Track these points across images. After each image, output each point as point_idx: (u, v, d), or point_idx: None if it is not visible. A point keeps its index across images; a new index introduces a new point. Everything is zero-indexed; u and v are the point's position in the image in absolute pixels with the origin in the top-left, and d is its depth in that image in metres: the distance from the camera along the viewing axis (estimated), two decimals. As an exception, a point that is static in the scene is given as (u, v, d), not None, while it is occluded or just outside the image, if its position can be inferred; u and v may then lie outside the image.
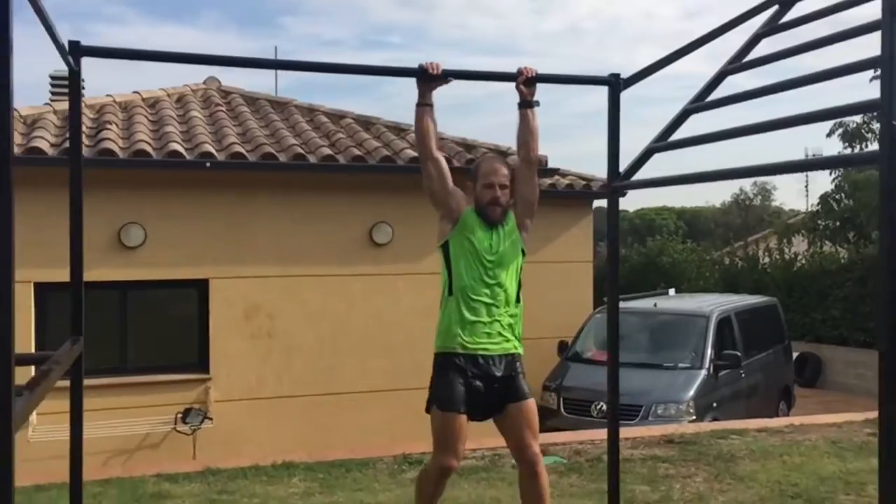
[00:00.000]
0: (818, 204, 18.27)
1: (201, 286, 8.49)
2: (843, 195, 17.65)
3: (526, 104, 3.73)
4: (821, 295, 15.88)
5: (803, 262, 17.12)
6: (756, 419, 8.61)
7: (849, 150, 16.00)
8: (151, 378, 8.27)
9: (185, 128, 9.07)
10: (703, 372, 9.41)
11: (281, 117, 9.97)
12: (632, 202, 66.76)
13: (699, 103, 3.81)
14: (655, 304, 10.85)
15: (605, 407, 9.11)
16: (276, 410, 8.47)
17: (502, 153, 9.43)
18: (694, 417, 8.90)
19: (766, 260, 18.01)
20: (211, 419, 8.14)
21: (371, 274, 8.92)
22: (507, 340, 3.69)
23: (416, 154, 8.89)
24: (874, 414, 8.24)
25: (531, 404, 3.76)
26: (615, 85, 3.72)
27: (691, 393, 9.09)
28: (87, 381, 7.38)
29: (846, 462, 6.37)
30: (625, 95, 3.87)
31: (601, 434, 7.61)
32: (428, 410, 3.73)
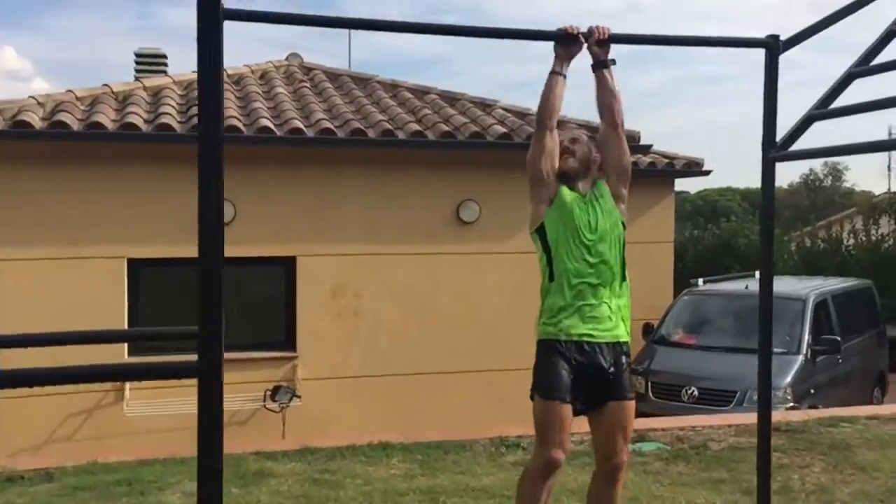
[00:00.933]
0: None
1: (289, 264, 8.44)
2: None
3: (601, 64, 3.42)
4: (908, 277, 15.25)
5: (891, 242, 16.45)
6: (865, 406, 8.27)
7: None
8: (240, 355, 8.24)
9: (271, 104, 9.01)
10: (801, 357, 9.06)
11: (364, 93, 9.84)
12: (692, 184, 65.22)
13: (864, 66, 3.52)
14: (747, 287, 10.48)
15: (696, 392, 8.90)
16: (362, 389, 8.40)
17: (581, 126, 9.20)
18: (792, 404, 8.57)
19: (851, 241, 17.35)
20: (299, 397, 8.10)
21: (458, 252, 8.76)
22: (616, 326, 3.42)
23: (504, 130, 8.70)
24: None
25: (632, 406, 3.50)
26: (774, 47, 3.44)
27: (788, 379, 8.75)
28: (175, 358, 7.42)
29: (973, 454, 6.01)
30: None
31: (701, 420, 7.38)
32: (531, 398, 3.47)
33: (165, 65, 16.26)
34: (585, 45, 3.36)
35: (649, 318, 11.02)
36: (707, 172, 13.17)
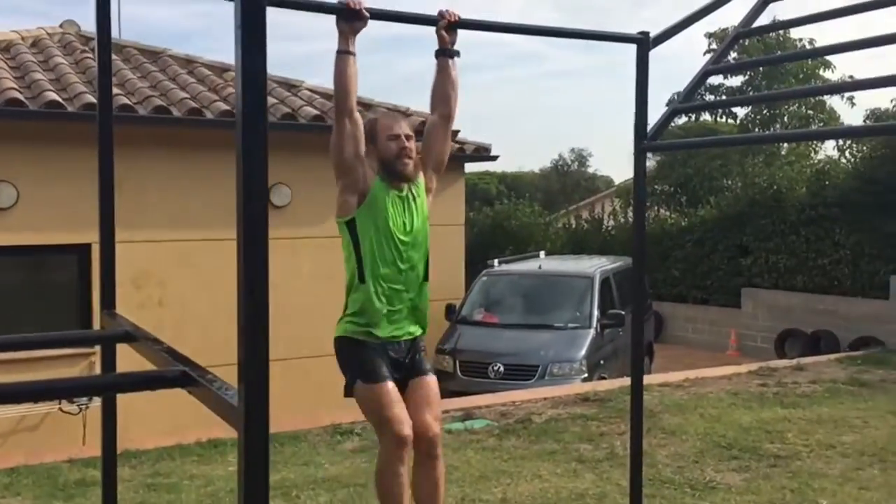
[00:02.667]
0: (654, 170, 19.38)
1: (83, 251, 7.71)
2: (675, 163, 18.87)
3: (446, 52, 3.35)
4: (662, 256, 16.90)
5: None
6: (655, 375, 9.08)
7: None
8: (26, 354, 7.41)
9: (53, 76, 8.14)
10: (592, 331, 9.77)
11: (157, 68, 9.18)
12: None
13: (718, 65, 3.86)
14: (540, 266, 11.10)
15: (501, 368, 9.31)
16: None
17: (402, 112, 9.24)
18: (586, 375, 9.22)
19: (611, 222, 18.91)
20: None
21: (269, 238, 8.47)
22: (413, 324, 3.46)
23: (317, 112, 8.52)
24: (755, 366, 8.93)
25: (434, 380, 3.51)
26: (644, 43, 3.66)
27: (583, 352, 9.42)
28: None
29: (755, 412, 6.85)
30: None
31: (518, 395, 7.75)
32: (350, 392, 3.36)
33: None
34: (434, 29, 3.27)
35: (447, 299, 11.36)
36: (495, 157, 13.72)
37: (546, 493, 4.99)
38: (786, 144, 19.65)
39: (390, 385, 3.27)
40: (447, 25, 3.23)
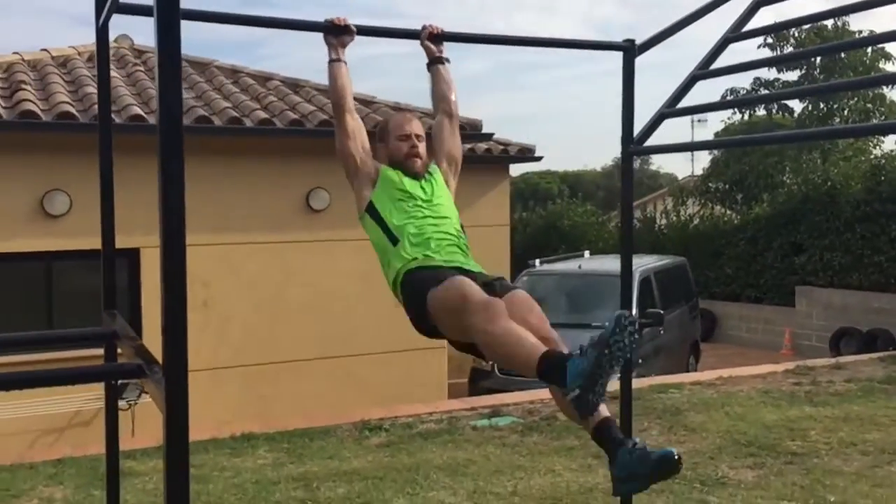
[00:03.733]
0: (709, 167, 19.15)
1: (132, 256, 8.12)
2: (730, 160, 18.60)
3: (436, 61, 3.44)
4: (715, 254, 16.73)
5: (698, 222, 17.95)
6: (688, 374, 9.08)
7: None
8: (80, 353, 7.85)
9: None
10: (629, 330, 9.77)
11: (203, 79, 9.58)
12: (515, 168, 67.23)
13: (706, 70, 3.95)
14: (580, 266, 11.16)
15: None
16: (214, 381, 8.25)
17: (412, 112, 9.46)
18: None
19: (663, 221, 18.77)
20: (147, 393, 7.84)
21: (308, 241, 8.78)
22: (469, 260, 3.08)
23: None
24: (792, 365, 8.85)
25: (526, 294, 2.93)
26: (630, 50, 3.78)
27: (620, 351, 9.43)
28: (7, 359, 7.00)
29: (783, 410, 6.83)
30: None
31: (548, 393, 7.85)
32: (423, 315, 2.85)
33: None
34: (419, 42, 3.40)
35: (490, 299, 11.52)
36: (539, 158, 13.86)
37: (557, 487, 5.12)
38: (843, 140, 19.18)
39: (463, 278, 2.75)
40: (429, 37, 3.38)
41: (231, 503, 4.94)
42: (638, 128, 3.91)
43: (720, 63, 4.02)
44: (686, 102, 3.92)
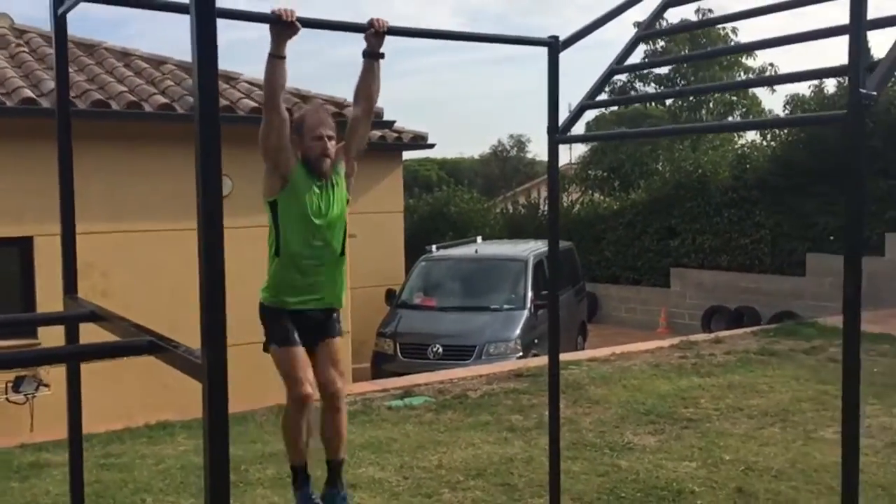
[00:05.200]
0: (587, 155, 19.96)
1: (24, 244, 7.84)
2: (607, 149, 19.44)
3: (373, 55, 3.67)
4: (596, 238, 17.51)
5: (579, 209, 18.71)
6: (584, 352, 9.57)
7: None
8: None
9: (-11, 70, 8.21)
10: (526, 312, 10.22)
11: (93, 61, 9.28)
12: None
13: (621, 65, 4.27)
14: (476, 251, 11.50)
15: (440, 349, 9.70)
16: (117, 372, 8.04)
17: (338, 104, 9.51)
18: (521, 354, 9.67)
19: (546, 208, 19.43)
20: (48, 386, 7.60)
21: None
22: (329, 296, 3.86)
23: (254, 104, 8.75)
24: (677, 340, 9.48)
25: (340, 342, 4.00)
26: (554, 46, 4.05)
27: (518, 332, 9.87)
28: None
29: (674, 381, 7.37)
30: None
31: (455, 374, 8.14)
32: (266, 349, 3.87)
33: None
34: (364, 35, 3.58)
35: (388, 284, 11.71)
36: (432, 146, 14.13)
37: (479, 459, 5.39)
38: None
39: (298, 350, 3.74)
40: (374, 33, 3.54)
41: (161, 489, 4.94)
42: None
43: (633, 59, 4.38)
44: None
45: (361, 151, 4.00)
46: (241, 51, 42.99)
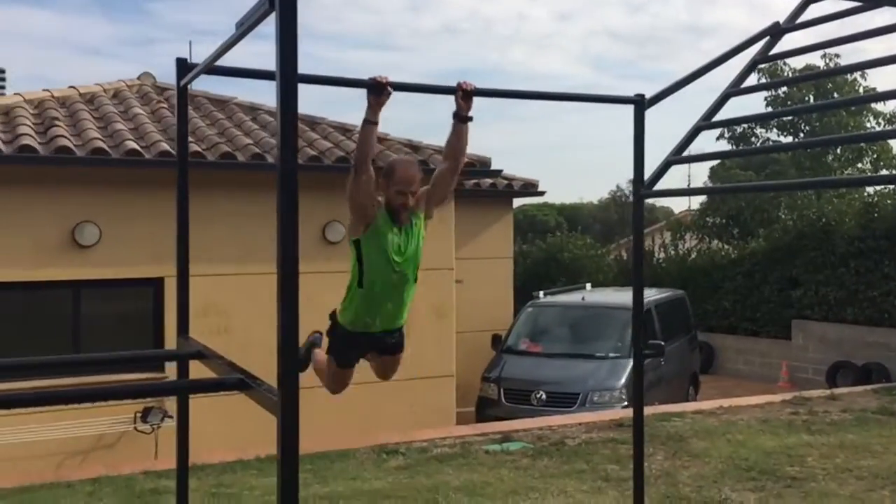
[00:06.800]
0: (706, 202, 19.57)
1: (157, 285, 8.48)
2: (727, 195, 19.01)
3: (462, 118, 3.91)
4: (712, 287, 17.08)
5: (695, 256, 18.34)
6: (690, 403, 9.40)
7: None
8: (107, 378, 8.17)
9: (132, 125, 8.99)
10: (632, 360, 10.10)
11: (224, 115, 9.99)
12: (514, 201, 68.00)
13: (708, 122, 4.35)
14: (583, 298, 11.52)
15: (544, 395, 9.75)
16: (236, 406, 8.51)
17: (413, 147, 9.94)
18: (626, 403, 9.56)
19: (661, 254, 19.15)
20: (172, 417, 8.14)
21: (325, 271, 9.11)
22: (400, 318, 4.14)
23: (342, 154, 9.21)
24: (790, 395, 9.18)
25: (399, 357, 4.25)
26: (640, 104, 4.18)
27: (623, 381, 9.78)
28: (40, 383, 7.33)
29: (781, 438, 7.16)
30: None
31: (555, 420, 8.19)
32: (328, 352, 4.19)
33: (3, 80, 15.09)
34: (453, 97, 3.87)
35: (495, 329, 11.86)
36: (542, 193, 14.31)
37: (570, 507, 5.44)
38: (836, 175, 19.69)
39: (349, 372, 4.16)
40: (463, 95, 3.79)
41: (264, 519, 5.24)
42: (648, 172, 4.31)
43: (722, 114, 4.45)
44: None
45: (443, 200, 4.24)
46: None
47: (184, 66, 3.37)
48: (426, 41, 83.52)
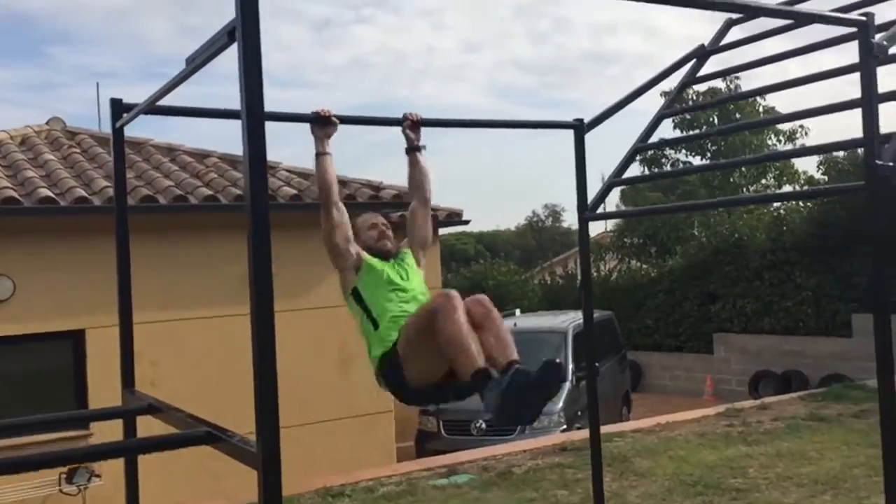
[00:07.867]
0: (622, 223, 20.05)
1: (77, 337, 8.10)
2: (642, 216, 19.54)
3: (414, 148, 3.87)
4: (635, 306, 17.45)
5: (616, 276, 18.72)
6: (628, 423, 9.49)
7: None
8: (24, 440, 7.73)
9: (42, 172, 8.63)
10: (568, 384, 10.19)
11: (140, 157, 9.70)
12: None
13: (645, 143, 4.43)
14: (515, 324, 11.55)
15: (483, 425, 9.69)
16: (166, 460, 8.18)
17: (374, 187, 9.80)
18: (564, 427, 9.61)
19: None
20: (99, 476, 7.75)
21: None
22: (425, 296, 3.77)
23: (293, 192, 9.06)
24: (723, 408, 9.38)
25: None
26: (580, 128, 4.24)
27: (560, 405, 9.82)
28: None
29: (720, 451, 7.28)
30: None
31: (499, 449, 8.13)
32: (400, 376, 3.46)
33: None
34: (400, 129, 3.82)
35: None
36: (467, 222, 14.33)
37: (525, 537, 5.37)
38: (746, 192, 20.47)
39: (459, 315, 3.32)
40: (410, 125, 3.76)
41: (212, 577, 4.99)
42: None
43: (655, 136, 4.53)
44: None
45: (426, 241, 3.96)
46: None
47: (119, 107, 3.22)
48: (336, 77, 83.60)
